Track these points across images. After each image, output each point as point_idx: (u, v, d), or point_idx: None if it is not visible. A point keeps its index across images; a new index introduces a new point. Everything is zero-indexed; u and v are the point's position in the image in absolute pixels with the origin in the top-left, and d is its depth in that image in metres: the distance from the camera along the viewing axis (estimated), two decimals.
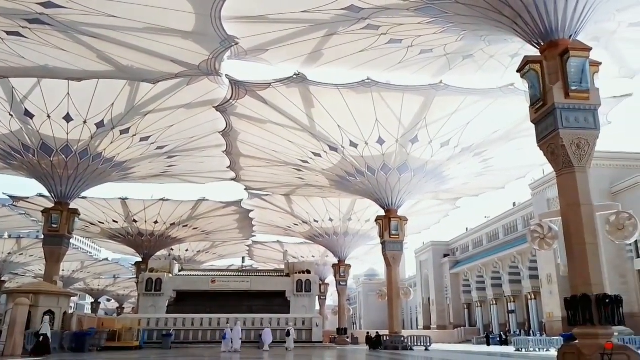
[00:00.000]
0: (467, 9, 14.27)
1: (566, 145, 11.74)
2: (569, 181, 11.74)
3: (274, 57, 19.27)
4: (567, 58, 11.95)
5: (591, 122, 11.95)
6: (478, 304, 64.65)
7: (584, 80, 11.97)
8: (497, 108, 22.71)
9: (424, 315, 77.99)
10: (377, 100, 22.15)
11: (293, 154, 27.77)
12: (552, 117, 12.11)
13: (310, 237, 46.41)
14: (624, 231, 11.85)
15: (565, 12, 12.42)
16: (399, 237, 30.29)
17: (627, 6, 15.19)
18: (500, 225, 61.93)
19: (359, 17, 16.07)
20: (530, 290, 50.64)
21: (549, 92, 12.25)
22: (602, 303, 10.36)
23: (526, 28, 13.11)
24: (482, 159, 28.31)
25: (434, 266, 74.50)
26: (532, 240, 13.44)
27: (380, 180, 28.20)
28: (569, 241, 11.54)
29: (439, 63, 19.72)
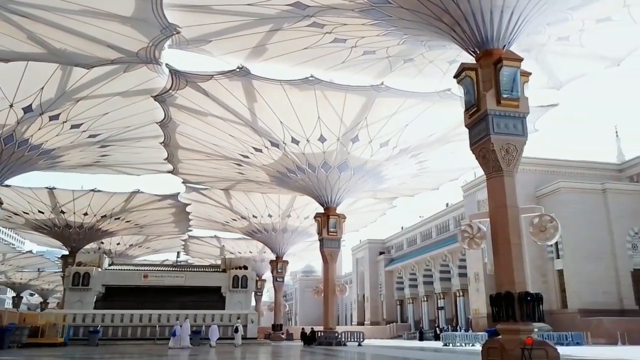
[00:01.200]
0: (410, 13, 14.64)
1: (496, 150, 12.32)
2: (498, 184, 12.35)
3: (216, 49, 18.91)
4: (500, 67, 12.54)
5: (520, 129, 12.61)
6: (410, 301, 66.73)
7: (514, 88, 12.60)
8: (434, 112, 23.49)
9: (358, 312, 79.50)
10: (320, 98, 22.29)
11: (233, 148, 27.39)
12: (485, 123, 12.67)
13: (249, 232, 46.01)
14: (546, 233, 12.59)
15: (499, 24, 13.03)
16: (337, 234, 30.67)
17: (556, 21, 16.14)
18: (434, 224, 64.26)
19: (304, 14, 16.09)
20: (459, 288, 52.90)
21: (482, 98, 12.78)
22: (524, 300, 10.99)
23: (463, 36, 13.63)
24: (419, 161, 29.19)
25: (370, 263, 76.12)
26: (462, 240, 14.00)
27: (321, 177, 28.42)
28: (495, 241, 12.15)
29: (381, 65, 20.11)
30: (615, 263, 37.90)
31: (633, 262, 38.36)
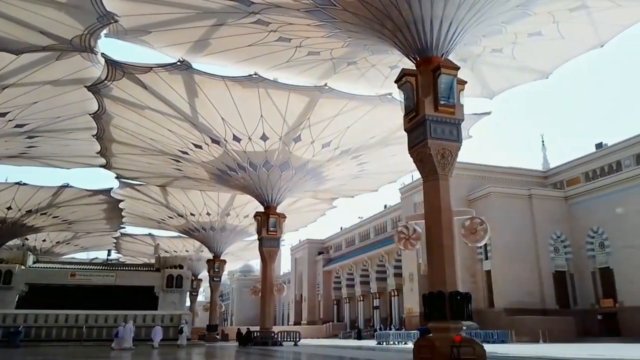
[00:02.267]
0: (354, 17, 14.87)
1: (433, 154, 12.75)
2: (433, 187, 12.79)
3: (157, 41, 18.35)
4: (438, 74, 12.99)
5: (455, 134, 13.11)
6: (347, 300, 67.63)
7: (451, 96, 13.10)
8: (375, 115, 23.96)
9: (295, 311, 79.63)
10: (263, 96, 22.16)
11: (172, 143, 26.66)
12: (423, 128, 13.08)
13: (186, 230, 44.94)
14: (476, 235, 13.18)
15: (439, 33, 13.50)
16: (277, 233, 30.59)
17: (491, 33, 16.94)
18: (372, 225, 65.53)
19: (249, 10, 15.94)
20: (394, 288, 54.24)
21: (421, 104, 13.18)
22: (454, 300, 11.44)
23: (405, 42, 14.01)
24: (359, 162, 29.68)
25: (309, 263, 76.47)
26: (399, 241, 14.37)
27: (262, 176, 28.25)
28: (429, 242, 12.57)
29: (325, 66, 20.29)
30: (539, 265, 40.19)
31: (554, 264, 40.85)
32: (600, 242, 39.16)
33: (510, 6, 14.84)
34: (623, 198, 36.95)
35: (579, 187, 42.38)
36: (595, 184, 40.77)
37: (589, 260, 39.72)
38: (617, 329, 35.91)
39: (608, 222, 38.25)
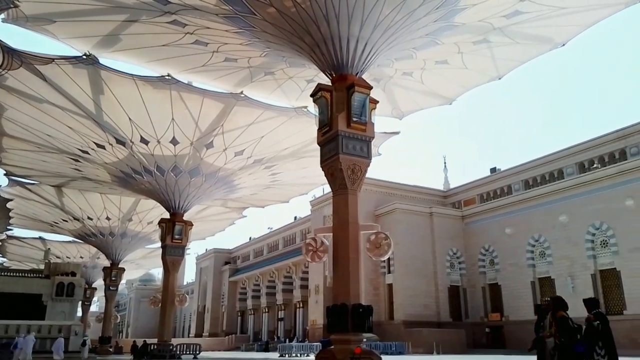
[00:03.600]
0: (273, 28, 14.92)
1: (343, 169, 13.07)
2: (342, 201, 13.08)
3: (62, 32, 17.14)
4: (352, 92, 13.40)
5: (365, 151, 13.56)
6: (251, 312, 66.78)
7: (363, 113, 13.56)
8: (290, 126, 24.09)
9: (197, 323, 77.13)
10: (176, 99, 21.43)
11: (72, 141, 24.88)
12: (335, 143, 13.38)
13: (81, 235, 41.96)
14: (381, 249, 13.64)
15: (354, 52, 13.95)
16: (182, 242, 29.53)
17: (403, 57, 17.80)
18: (281, 237, 65.52)
19: (165, 10, 15.41)
20: (299, 300, 54.47)
21: (335, 119, 13.49)
22: (356, 312, 11.71)
23: (322, 58, 14.31)
24: (272, 173, 29.61)
25: (214, 273, 74.58)
26: (306, 253, 14.49)
27: (170, 181, 27.20)
28: (336, 255, 12.80)
29: (241, 74, 20.08)
30: (436, 279, 42.38)
31: (450, 279, 43.31)
32: (491, 260, 42.18)
33: (421, 34, 15.69)
34: (512, 219, 40.17)
35: (474, 208, 45.45)
36: (488, 205, 43.95)
37: (481, 276, 42.60)
38: (503, 341, 38.73)
39: (498, 241, 41.34)
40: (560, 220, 36.03)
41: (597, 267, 33.87)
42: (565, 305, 8.98)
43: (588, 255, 34.24)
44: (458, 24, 15.96)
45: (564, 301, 9.07)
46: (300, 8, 13.69)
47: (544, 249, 37.53)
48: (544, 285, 37.37)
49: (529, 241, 38.58)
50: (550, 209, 36.90)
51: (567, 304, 9.07)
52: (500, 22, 16.52)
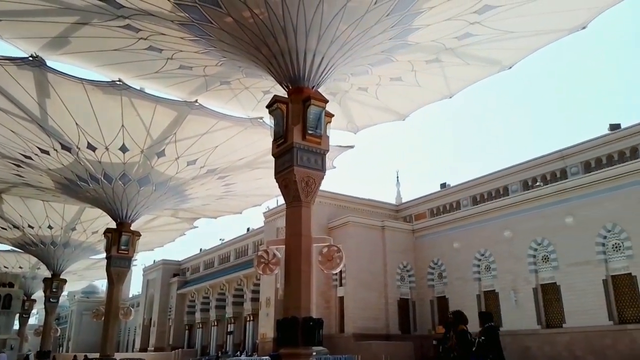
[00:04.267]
0: (230, 38, 14.84)
1: (297, 181, 13.08)
2: (296, 213, 13.07)
3: (6, 31, 16.38)
4: (308, 105, 13.49)
5: (319, 164, 13.64)
6: (200, 325, 65.22)
7: (319, 126, 13.66)
8: (245, 137, 23.90)
9: (142, 337, 74.50)
10: (127, 105, 20.82)
11: (14, 146, 23.66)
12: (290, 155, 13.40)
13: (21, 244, 39.79)
14: (332, 262, 13.66)
15: (311, 65, 14.08)
16: (129, 253, 28.51)
17: (359, 73, 18.11)
18: (233, 248, 64.60)
19: (118, 13, 15.03)
20: (250, 312, 53.75)
21: (290, 131, 13.52)
22: (307, 325, 11.67)
23: (279, 70, 14.35)
24: (225, 183, 29.21)
25: (162, 285, 72.46)
26: (258, 265, 14.31)
27: (117, 190, 26.30)
28: (288, 267, 12.74)
29: (196, 82, 19.81)
30: (386, 292, 42.88)
31: (400, 292, 43.93)
32: (439, 273, 43.14)
33: (376, 51, 16.04)
34: (460, 234, 41.31)
35: (425, 222, 46.48)
36: (437, 219, 45.05)
37: (429, 290, 43.46)
38: None
39: (446, 255, 42.38)
40: (504, 235, 37.37)
41: (539, 281, 35.28)
42: (465, 320, 10.19)
43: (530, 270, 35.64)
44: (412, 42, 16.42)
45: (464, 316, 10.31)
46: (258, 19, 13.70)
47: (489, 263, 38.77)
48: (489, 299, 38.52)
49: (476, 255, 39.75)
50: (496, 224, 38.24)
51: (466, 318, 10.24)
52: (451, 43, 17.11)
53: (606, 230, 31.82)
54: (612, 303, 31.02)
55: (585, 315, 31.73)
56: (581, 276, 32.42)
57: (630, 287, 30.37)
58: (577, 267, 32.73)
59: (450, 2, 14.55)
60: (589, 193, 32.84)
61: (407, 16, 14.61)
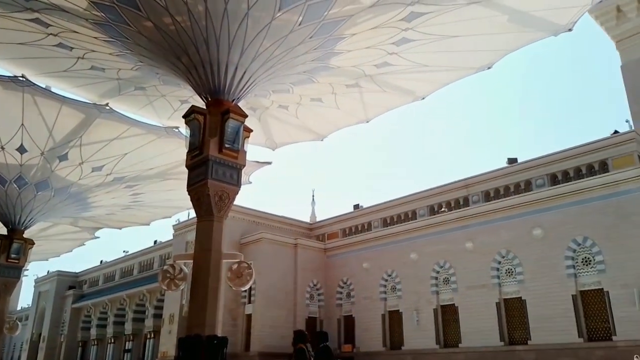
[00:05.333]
0: (149, 43, 14.33)
1: (211, 195, 12.78)
2: (207, 228, 12.74)
3: None
4: (226, 118, 13.32)
5: (235, 178, 13.45)
6: (95, 342, 61.07)
7: (236, 141, 13.50)
8: (158, 146, 23.00)
9: (29, 354, 68.18)
10: (29, 103, 19.28)
11: None
12: (205, 167, 13.09)
13: None
14: (242, 279, 13.41)
15: (232, 79, 13.95)
16: (19, 262, 26.13)
17: (280, 90, 18.23)
18: (137, 261, 61.46)
19: (27, 6, 14.01)
20: (151, 329, 51.25)
21: (206, 143, 13.24)
22: (210, 344, 11.33)
23: (199, 81, 14.06)
24: (133, 193, 27.84)
25: (55, 298, 67.08)
26: (162, 280, 13.71)
27: (11, 193, 24.14)
28: (195, 283, 12.34)
29: (108, 85, 18.86)
30: (295, 310, 42.87)
31: (309, 310, 44.12)
32: (348, 292, 43.94)
33: (299, 70, 16.27)
34: (369, 254, 42.48)
35: (337, 241, 47.30)
36: (349, 239, 46.04)
37: (337, 309, 44.07)
38: None
39: (356, 275, 43.32)
40: (411, 257, 39.00)
41: (439, 302, 37.09)
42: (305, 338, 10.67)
43: (432, 291, 37.40)
44: (334, 66, 16.85)
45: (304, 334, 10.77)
46: (179, 27, 13.38)
47: (395, 283, 40.16)
48: (393, 318, 39.83)
49: (383, 276, 41.04)
50: (404, 246, 39.82)
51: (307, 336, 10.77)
52: (371, 70, 17.79)
53: (500, 256, 34.26)
54: (504, 325, 33.29)
55: (479, 336, 33.75)
56: (477, 298, 34.54)
57: (520, 310, 32.80)
58: (475, 290, 34.84)
59: (371, 31, 15.15)
60: (487, 221, 35.28)
61: (330, 40, 15.00)
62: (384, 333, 39.64)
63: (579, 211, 31.10)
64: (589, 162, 34.34)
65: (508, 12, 15.24)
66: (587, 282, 30.39)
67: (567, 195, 31.93)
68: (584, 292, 30.47)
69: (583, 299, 30.41)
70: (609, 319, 29.05)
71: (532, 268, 32.45)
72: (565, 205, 31.80)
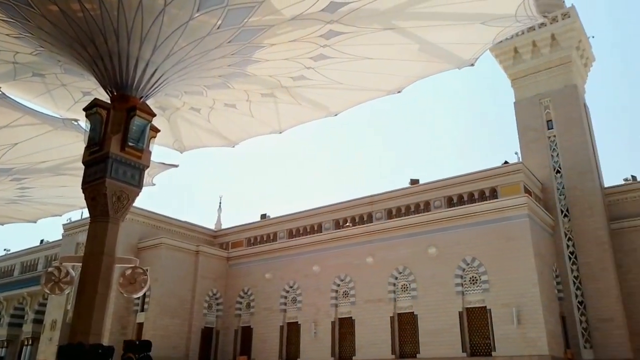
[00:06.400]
0: (54, 29, 13.34)
1: (108, 195, 12.07)
2: (101, 229, 11.99)
3: None
4: (132, 115, 12.71)
5: (137, 179, 12.82)
6: None
7: (141, 140, 12.91)
8: (53, 138, 21.30)
9: None
10: None
11: None
12: (104, 165, 12.35)
13: None
14: (136, 285, 12.77)
15: (142, 75, 13.36)
16: None
17: (193, 92, 17.75)
18: (19, 261, 56.23)
19: None
20: (30, 335, 47.07)
21: (108, 140, 12.52)
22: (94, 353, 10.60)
23: (104, 73, 13.30)
24: (21, 186, 25.53)
25: None
26: (46, 283, 12.68)
27: None
28: (82, 288, 11.53)
29: (3, 68, 17.23)
30: (191, 320, 41.51)
31: (206, 320, 42.94)
32: (248, 303, 43.41)
33: (214, 74, 15.98)
34: (273, 265, 42.39)
35: (241, 250, 46.67)
36: (253, 249, 45.63)
37: (235, 319, 43.35)
38: None
39: (257, 285, 42.96)
40: (313, 269, 39.47)
41: (338, 315, 37.84)
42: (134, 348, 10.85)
43: (331, 304, 38.08)
44: (250, 74, 16.76)
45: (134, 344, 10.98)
46: (88, 15, 12.59)
47: (297, 295, 40.37)
48: (291, 330, 39.94)
49: (285, 287, 41.10)
50: (308, 258, 40.22)
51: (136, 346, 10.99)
52: (287, 82, 17.91)
53: (398, 271, 35.75)
54: (396, 338, 34.65)
55: (373, 349, 34.83)
56: (374, 312, 35.69)
57: (412, 325, 34.37)
58: (372, 304, 35.98)
59: (290, 44, 15.30)
60: (388, 237, 36.73)
61: (248, 47, 14.91)
62: (281, 345, 39.60)
63: (470, 233, 33.40)
64: (481, 188, 37.08)
65: (419, 41, 16.14)
66: (473, 299, 32.58)
67: (461, 218, 34.18)
68: (469, 309, 32.62)
69: (468, 316, 32.55)
70: (489, 335, 31.31)
71: (425, 284, 34.20)
72: (459, 227, 34.01)
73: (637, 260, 35.82)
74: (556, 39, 40.85)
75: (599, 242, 35.76)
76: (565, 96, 39.99)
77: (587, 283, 35.08)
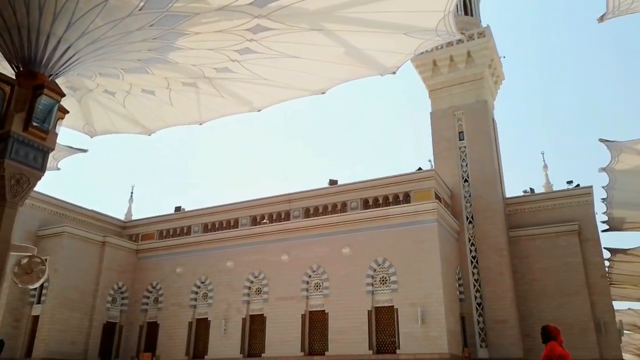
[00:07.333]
0: None
1: (6, 177, 11.15)
2: None
3: None
4: (39, 93, 11.82)
5: (40, 162, 11.95)
6: None
7: (47, 121, 12.04)
8: None
9: None
10: None
11: None
12: (4, 144, 11.40)
13: None
14: (32, 275, 11.86)
15: (52, 52, 12.46)
16: None
17: (108, 74, 16.83)
18: None
19: None
20: None
21: (10, 118, 11.57)
22: None
23: (10, 46, 12.25)
24: None
25: None
26: None
27: None
28: None
29: None
30: (92, 314, 39.36)
31: (109, 314, 40.89)
32: (156, 298, 41.92)
33: (133, 57, 15.27)
34: (185, 259, 41.27)
35: (152, 243, 44.95)
36: (164, 242, 44.13)
37: (141, 314, 41.69)
38: None
39: (167, 280, 41.62)
40: (227, 265, 38.93)
41: (249, 312, 37.62)
42: None
43: (243, 301, 37.79)
44: (172, 61, 16.19)
45: None
46: None
47: (208, 291, 39.62)
48: (200, 327, 39.14)
49: (196, 282, 40.18)
50: (222, 254, 39.61)
51: None
52: (210, 73, 17.52)
53: (312, 270, 36.23)
54: (306, 336, 35.08)
55: (283, 346, 35.01)
56: (286, 310, 35.90)
57: (322, 323, 34.97)
58: (284, 301, 36.16)
59: (216, 34, 14.98)
60: (304, 236, 37.10)
61: (171, 33, 14.41)
62: (189, 341, 38.66)
63: (383, 235, 34.61)
64: (396, 192, 38.54)
65: (345, 45, 16.46)
66: (382, 299, 33.79)
67: (375, 220, 35.32)
68: (378, 309, 33.78)
69: (376, 315, 33.70)
70: (395, 333, 32.63)
71: (338, 283, 34.95)
72: (373, 228, 35.12)
73: (531, 267, 38.99)
74: (471, 55, 43.42)
75: (498, 248, 38.49)
76: (476, 110, 42.62)
77: (486, 286, 37.62)
